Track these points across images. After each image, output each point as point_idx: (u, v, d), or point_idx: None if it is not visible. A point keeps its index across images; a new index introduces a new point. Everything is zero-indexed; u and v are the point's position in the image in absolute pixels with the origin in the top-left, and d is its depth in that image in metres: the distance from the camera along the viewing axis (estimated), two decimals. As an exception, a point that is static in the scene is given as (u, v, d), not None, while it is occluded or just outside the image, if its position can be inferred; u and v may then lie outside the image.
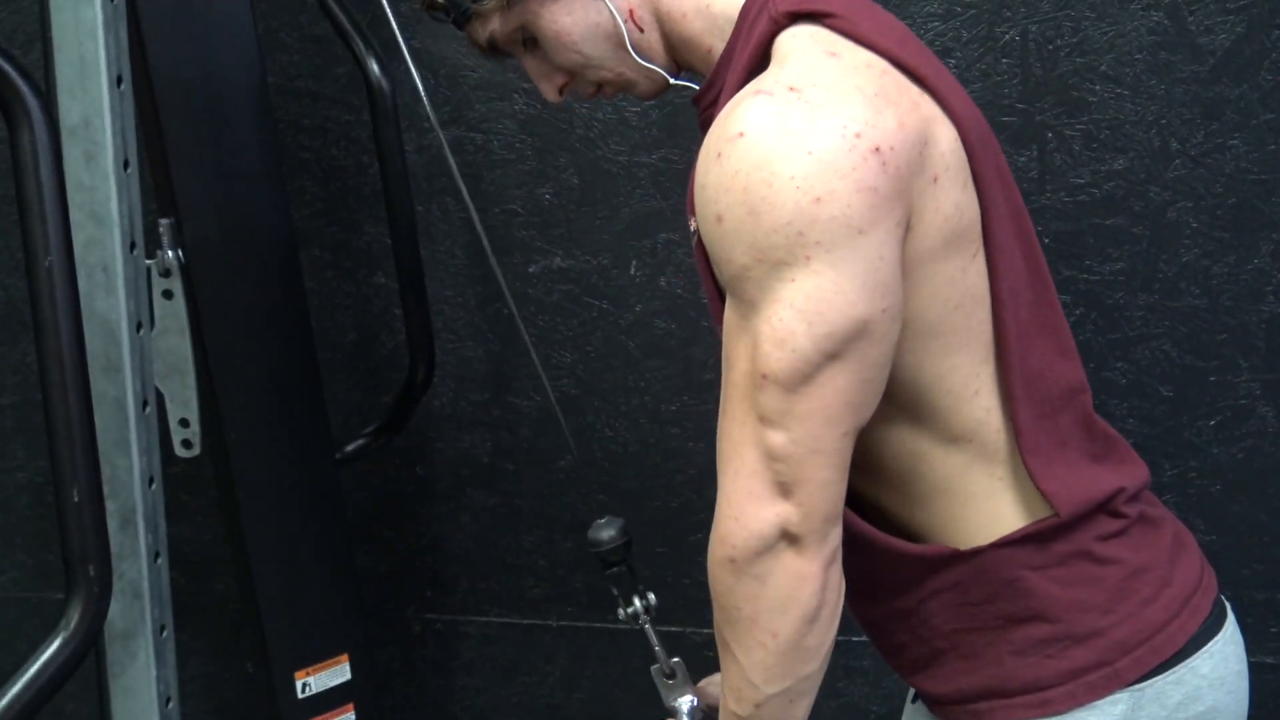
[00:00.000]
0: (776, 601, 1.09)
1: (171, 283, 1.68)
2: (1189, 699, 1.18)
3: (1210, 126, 1.83)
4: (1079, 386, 1.22)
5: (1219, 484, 1.95)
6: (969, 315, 1.13)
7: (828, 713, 2.15)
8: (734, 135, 1.04)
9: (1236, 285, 1.87)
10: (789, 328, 1.03)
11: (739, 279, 1.05)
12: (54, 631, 1.13)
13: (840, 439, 1.07)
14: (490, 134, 2.05)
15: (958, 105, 1.12)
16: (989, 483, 1.17)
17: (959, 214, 1.10)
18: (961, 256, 1.11)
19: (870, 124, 1.03)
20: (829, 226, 1.01)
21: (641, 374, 2.09)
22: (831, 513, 1.09)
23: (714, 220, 1.05)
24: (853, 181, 1.01)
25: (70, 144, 1.50)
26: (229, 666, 2.35)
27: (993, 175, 1.14)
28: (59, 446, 1.12)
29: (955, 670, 1.21)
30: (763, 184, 1.01)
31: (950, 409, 1.15)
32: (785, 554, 1.07)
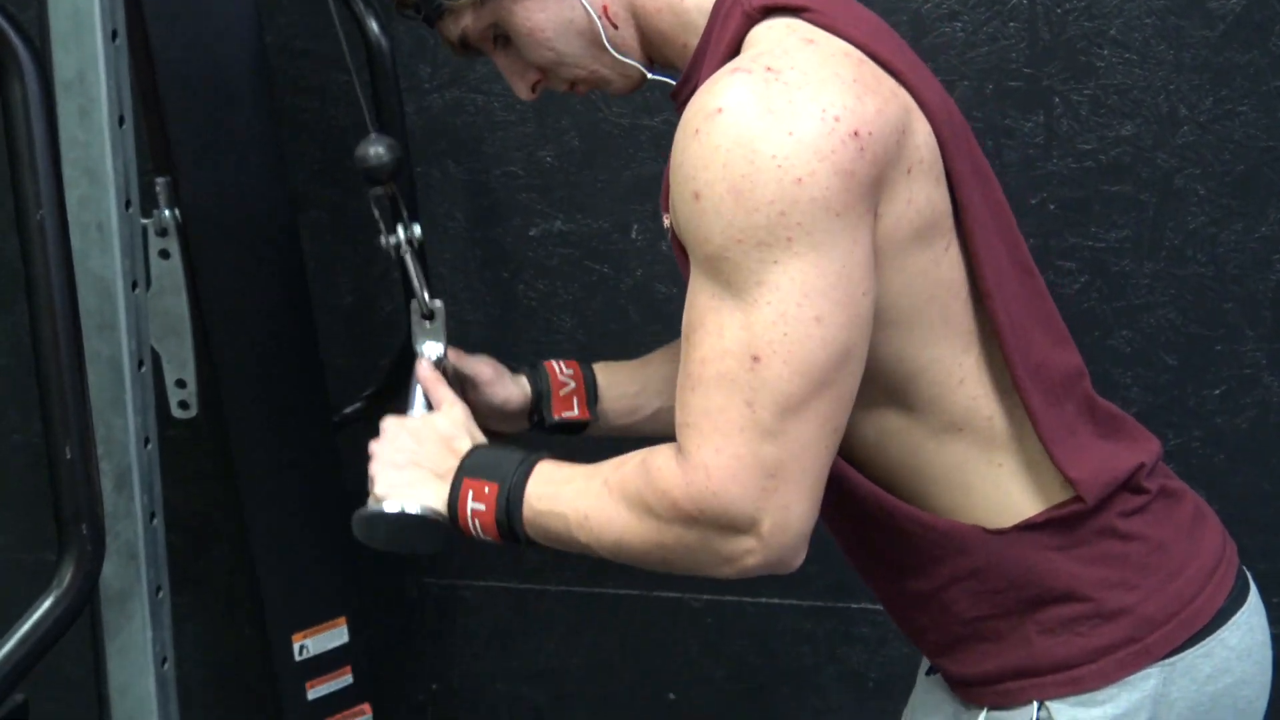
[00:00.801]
0: (700, 562, 1.10)
1: (168, 242, 1.67)
2: (1219, 671, 1.18)
3: (1219, 93, 1.81)
4: (1078, 372, 1.22)
5: (1222, 454, 1.94)
6: (945, 307, 1.13)
7: (826, 680, 2.15)
8: (712, 111, 1.02)
9: (1243, 253, 1.86)
10: (778, 311, 1.02)
11: (716, 259, 1.03)
12: (46, 590, 1.12)
13: (829, 436, 1.06)
14: (491, 95, 2.03)
15: (932, 100, 1.11)
16: (990, 470, 1.17)
17: (930, 207, 1.10)
18: (933, 249, 1.11)
19: (849, 108, 1.02)
20: (809, 209, 1.00)
21: (642, 339, 2.08)
22: (802, 533, 1.07)
23: (690, 198, 1.03)
24: (831, 164, 1.00)
25: (64, 99, 1.48)
26: (226, 628, 2.35)
27: (967, 170, 1.14)
28: (51, 404, 1.11)
29: (981, 653, 1.21)
30: (744, 161, 1.00)
31: (938, 398, 1.15)
32: (743, 545, 1.07)
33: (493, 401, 1.49)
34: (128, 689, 1.66)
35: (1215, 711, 1.19)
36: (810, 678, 2.16)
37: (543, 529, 1.18)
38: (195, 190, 1.66)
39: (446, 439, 1.28)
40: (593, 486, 1.16)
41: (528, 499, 1.19)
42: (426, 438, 1.28)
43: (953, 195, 1.12)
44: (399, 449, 1.28)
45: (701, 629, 2.19)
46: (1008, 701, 1.19)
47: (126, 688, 1.66)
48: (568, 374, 1.51)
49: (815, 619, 2.13)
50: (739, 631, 2.17)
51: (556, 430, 1.51)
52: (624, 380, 1.53)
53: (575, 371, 1.51)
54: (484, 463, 1.23)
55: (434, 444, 1.27)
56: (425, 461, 1.26)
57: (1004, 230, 1.18)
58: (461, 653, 2.30)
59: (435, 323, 1.43)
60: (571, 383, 1.50)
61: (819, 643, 2.14)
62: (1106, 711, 1.15)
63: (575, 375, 1.51)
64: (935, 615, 1.22)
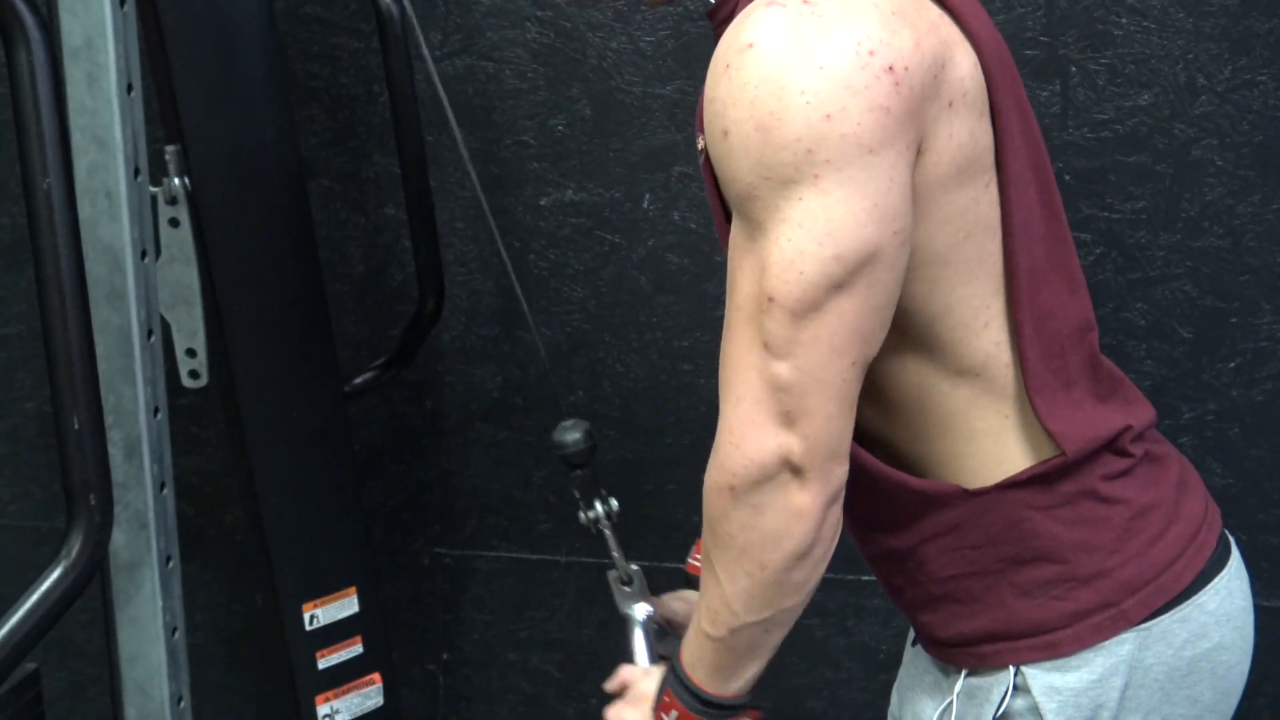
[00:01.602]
0: (770, 534, 1.07)
1: (178, 211, 1.66)
2: (1195, 636, 1.17)
3: (1238, 62, 1.79)
4: (1088, 324, 1.20)
5: (1237, 427, 1.93)
6: (980, 246, 1.10)
7: (836, 651, 2.15)
8: (743, 46, 1.00)
9: (1261, 225, 1.84)
10: (797, 248, 1.00)
11: (745, 198, 1.02)
12: (55, 560, 1.12)
13: (848, 369, 1.04)
14: (502, 63, 2.01)
15: (981, 30, 1.08)
16: (996, 420, 1.15)
17: (973, 142, 1.07)
18: (974, 185, 1.08)
19: (885, 42, 0.99)
20: (839, 145, 0.98)
21: (654, 309, 2.07)
22: (837, 449, 1.06)
23: (720, 135, 1.02)
24: (865, 100, 0.98)
25: (72, 66, 1.47)
26: (237, 598, 2.36)
27: (1011, 105, 1.11)
28: (59, 373, 1.11)
29: (954, 614, 1.20)
30: (771, 98, 0.98)
31: (959, 341, 1.13)
32: (786, 486, 1.05)
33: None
34: (138, 658, 1.67)
35: (1192, 676, 1.17)
36: (821, 649, 2.16)
37: (712, 669, 1.19)
38: (205, 158, 1.66)
39: (649, 698, 1.28)
40: (701, 584, 1.17)
41: (685, 665, 1.20)
42: (638, 706, 1.29)
43: (995, 130, 1.09)
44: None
45: (712, 600, 2.18)
46: (984, 664, 1.18)
47: (137, 657, 1.67)
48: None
49: (826, 591, 2.12)
50: (749, 602, 2.17)
51: None
52: None
53: None
54: (660, 684, 1.25)
55: (644, 707, 1.28)
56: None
57: (1039, 170, 1.16)
58: (472, 622, 2.30)
59: (635, 586, 1.48)
60: None
61: (830, 615, 2.14)
62: (1082, 677, 1.14)
63: None
64: (911, 573, 1.21)
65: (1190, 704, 1.19)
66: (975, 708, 1.19)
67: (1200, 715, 1.20)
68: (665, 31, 1.95)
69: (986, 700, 1.17)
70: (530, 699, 2.31)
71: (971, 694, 1.19)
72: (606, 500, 1.47)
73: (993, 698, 1.17)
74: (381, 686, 1.89)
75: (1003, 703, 1.16)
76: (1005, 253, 1.12)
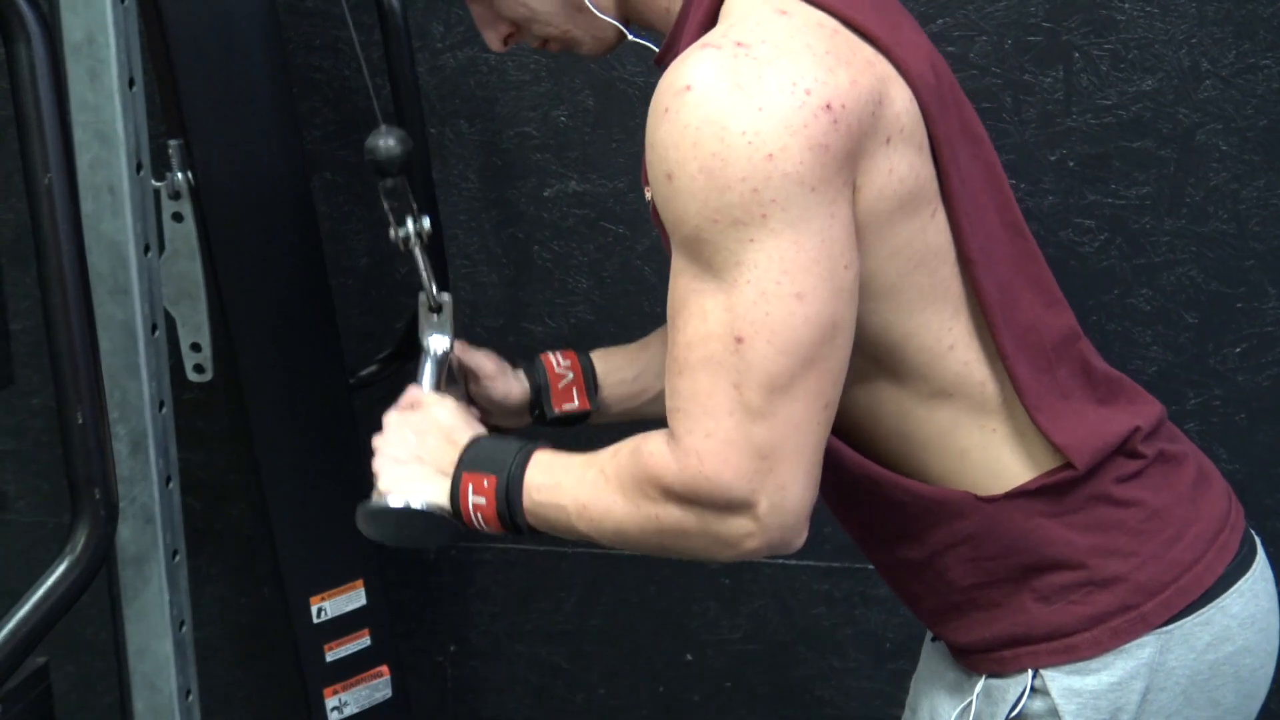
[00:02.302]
0: (699, 545, 1.09)
1: (181, 205, 1.66)
2: (1219, 639, 1.17)
3: (1242, 46, 1.79)
4: (1073, 334, 1.21)
5: (1243, 413, 1.93)
6: (933, 273, 1.11)
7: (844, 640, 2.15)
8: (681, 89, 1.01)
9: (1266, 210, 1.84)
10: (758, 290, 1.00)
11: (693, 240, 1.02)
12: (60, 555, 1.12)
13: (821, 411, 1.05)
14: (504, 55, 2.01)
15: (913, 64, 1.09)
16: (982, 435, 1.16)
17: (914, 175, 1.08)
18: (919, 217, 1.09)
19: (820, 81, 1.00)
20: (783, 184, 0.99)
21: (658, 300, 2.06)
22: (801, 513, 1.06)
23: (664, 179, 1.02)
24: (804, 138, 0.99)
25: (74, 61, 1.48)
26: (244, 591, 2.36)
27: (955, 133, 1.12)
28: (63, 369, 1.11)
29: (976, 621, 1.21)
30: (714, 139, 0.99)
31: (927, 365, 1.14)
32: (741, 528, 1.06)
33: (494, 395, 1.49)
34: (146, 651, 1.67)
35: (1214, 680, 1.17)
36: (827, 638, 2.16)
37: (544, 519, 1.18)
38: (208, 152, 1.66)
39: (447, 432, 1.27)
40: (589, 475, 1.15)
41: (527, 490, 1.18)
42: (428, 431, 1.28)
43: (936, 161, 1.10)
44: (401, 443, 1.28)
45: (719, 590, 2.19)
46: (1004, 669, 1.19)
47: (145, 650, 1.67)
48: (565, 365, 1.50)
49: (832, 580, 2.13)
50: (756, 592, 2.17)
51: (558, 423, 1.51)
52: (622, 366, 1.52)
53: (573, 362, 1.51)
54: (483, 455, 1.22)
55: (435, 437, 1.27)
56: (427, 456, 1.25)
57: (994, 190, 1.17)
58: (480, 614, 2.30)
59: (443, 316, 1.44)
60: (569, 374, 1.50)
61: (836, 603, 2.14)
62: (1102, 680, 1.14)
63: (573, 366, 1.50)
64: (930, 583, 1.22)
65: (1212, 707, 1.19)
66: (992, 706, 1.19)
67: (1221, 718, 1.20)
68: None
69: (1003, 700, 1.18)
70: (538, 690, 2.31)
71: (990, 693, 1.20)
72: (419, 217, 1.42)
73: (1009, 697, 1.18)
74: (390, 679, 1.90)
75: (1019, 702, 1.17)
76: (969, 279, 1.12)
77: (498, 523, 1.19)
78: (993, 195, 1.16)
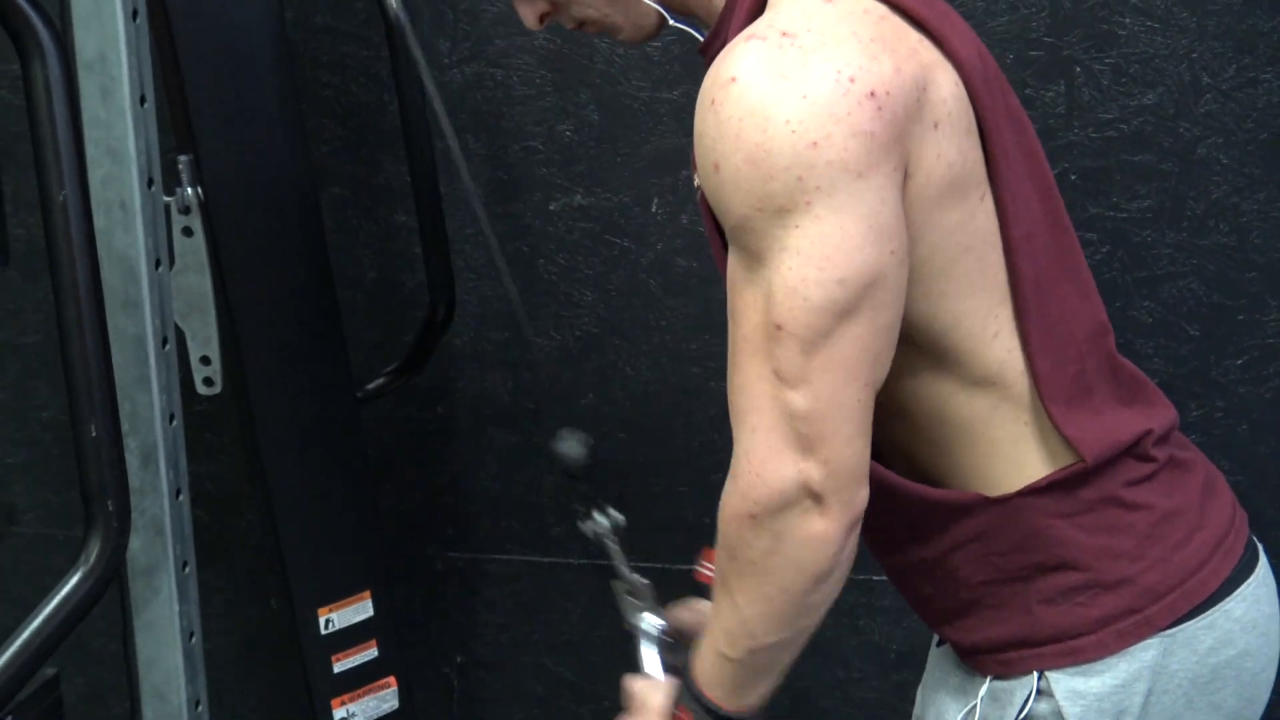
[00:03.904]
0: (791, 559, 1.08)
1: (191, 220, 1.68)
2: (1221, 643, 1.18)
3: (1242, 60, 1.80)
4: (1103, 329, 1.21)
5: (1245, 424, 1.93)
6: (981, 258, 1.12)
7: (848, 651, 2.16)
8: (726, 81, 1.02)
9: (1266, 222, 1.85)
10: (800, 275, 1.01)
11: (741, 229, 1.04)
12: (73, 566, 1.13)
13: (861, 390, 1.05)
14: (510, 70, 2.03)
15: (961, 49, 1.10)
16: (1015, 428, 1.16)
17: (962, 159, 1.09)
18: (968, 201, 1.10)
19: (864, 69, 1.01)
20: (827, 171, 0.99)
21: (663, 312, 2.08)
22: (857, 472, 1.06)
23: (711, 169, 1.04)
24: (848, 126, 1.00)
25: (86, 78, 1.49)
26: (252, 603, 2.37)
27: (1001, 119, 1.12)
28: (76, 381, 1.12)
29: (984, 620, 1.21)
30: (757, 129, 1.00)
31: (971, 352, 1.14)
32: (807, 513, 1.06)
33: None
34: (156, 663, 1.68)
35: (1216, 683, 1.18)
36: (832, 649, 2.17)
37: (729, 686, 1.18)
38: (217, 168, 1.67)
39: (657, 711, 1.28)
40: (715, 603, 1.16)
41: (699, 683, 1.20)
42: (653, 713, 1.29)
43: (985, 145, 1.11)
44: None
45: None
46: (1009, 671, 1.19)
47: (154, 661, 1.68)
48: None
49: (837, 590, 2.13)
50: (761, 603, 2.18)
51: None
52: None
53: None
54: (673, 700, 1.25)
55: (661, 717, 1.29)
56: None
57: (1038, 179, 1.17)
58: (486, 625, 2.31)
59: (645, 598, 1.45)
60: None
61: (841, 614, 2.14)
62: (1105, 682, 1.15)
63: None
64: (941, 582, 1.22)
65: (1213, 710, 1.19)
66: (998, 709, 1.20)
67: None
68: (671, 37, 1.95)
69: (1009, 703, 1.18)
70: (544, 701, 2.32)
71: (995, 696, 1.20)
72: (607, 512, 1.45)
73: (1015, 700, 1.18)
74: (396, 689, 1.91)
75: (1025, 705, 1.17)
76: (1008, 265, 1.13)
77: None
78: (1036, 184, 1.16)
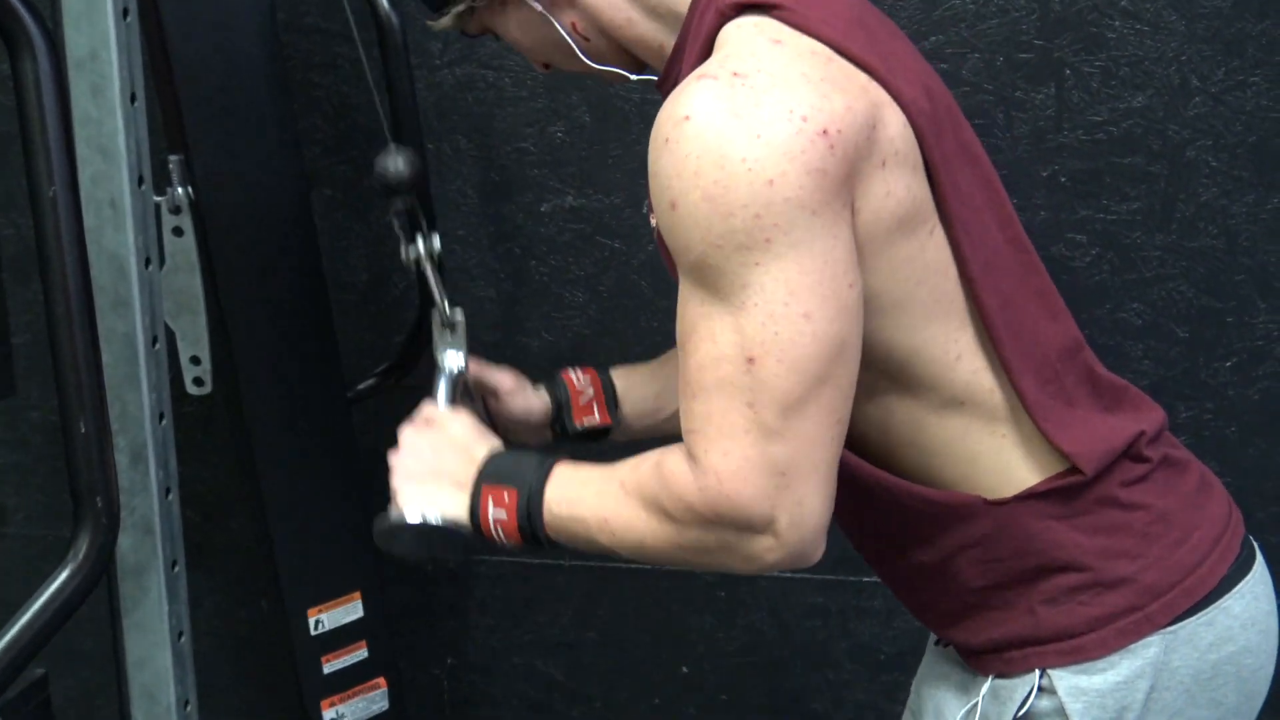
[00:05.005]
0: (720, 561, 1.11)
1: (182, 220, 1.67)
2: (1221, 639, 1.19)
3: (1231, 63, 1.81)
4: (1076, 345, 1.23)
5: (1234, 426, 1.94)
6: (935, 288, 1.13)
7: (838, 653, 2.16)
8: (680, 119, 1.03)
9: (1255, 225, 1.85)
10: (766, 312, 1.02)
11: (699, 266, 1.04)
12: (62, 564, 1.13)
13: (835, 427, 1.07)
14: (501, 71, 2.03)
15: (906, 90, 1.11)
16: (993, 441, 1.18)
17: (910, 196, 1.10)
18: (918, 235, 1.12)
19: (816, 107, 1.03)
20: (784, 209, 1.01)
21: (654, 314, 2.08)
22: (819, 528, 1.08)
23: (668, 208, 1.04)
24: (802, 164, 1.01)
25: (77, 77, 1.49)
26: (242, 603, 2.37)
27: (951, 153, 1.14)
28: (65, 380, 1.12)
29: (986, 622, 1.22)
30: (715, 167, 1.01)
31: (936, 376, 1.16)
32: (761, 543, 1.08)
33: (514, 412, 1.51)
34: (145, 663, 1.68)
35: (1216, 679, 1.19)
36: (822, 651, 2.17)
37: (565, 532, 1.19)
38: (208, 168, 1.67)
39: (464, 446, 1.28)
40: (610, 489, 1.17)
41: (548, 504, 1.19)
42: (445, 446, 1.29)
43: (933, 182, 1.12)
44: (418, 458, 1.29)
45: (714, 602, 2.20)
46: (1011, 670, 1.20)
47: (144, 661, 1.68)
48: (585, 381, 1.52)
49: (827, 593, 2.14)
50: (751, 605, 2.18)
51: (580, 438, 1.53)
52: (642, 383, 1.54)
53: (593, 378, 1.53)
54: (503, 469, 1.24)
55: (452, 452, 1.28)
56: (444, 470, 1.26)
57: (996, 208, 1.19)
58: (477, 627, 2.31)
59: (457, 332, 1.45)
60: (590, 390, 1.52)
61: (831, 616, 2.15)
62: (1108, 679, 1.16)
63: (593, 382, 1.53)
64: (943, 587, 1.23)
65: (1214, 706, 1.21)
66: (999, 706, 1.21)
67: (1223, 718, 1.22)
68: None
69: (1010, 699, 1.20)
70: (534, 703, 2.32)
71: (996, 694, 1.21)
72: (429, 236, 1.44)
73: (1016, 696, 1.19)
74: (387, 691, 1.90)
75: (1026, 702, 1.18)
76: (971, 295, 1.14)
77: (518, 536, 1.21)
78: (994, 213, 1.18)
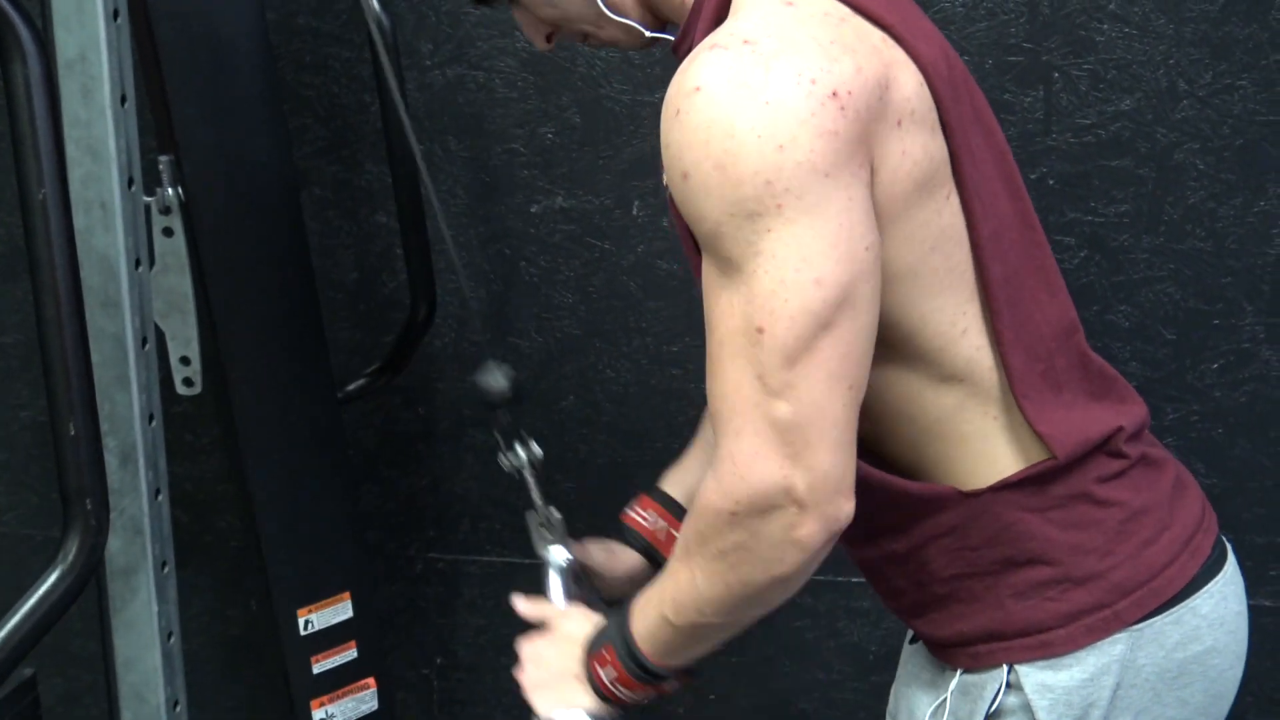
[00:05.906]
0: (762, 559, 1.08)
1: (171, 220, 1.68)
2: (1188, 639, 1.19)
3: (1219, 67, 1.81)
4: (1072, 326, 1.22)
5: (1221, 427, 1.95)
6: (948, 256, 1.13)
7: (827, 653, 2.17)
8: (690, 91, 1.03)
9: (1242, 228, 1.86)
10: (776, 279, 1.02)
11: (714, 236, 1.04)
12: (51, 565, 1.13)
13: (845, 393, 1.05)
14: (492, 72, 2.03)
15: (925, 50, 1.11)
16: (983, 423, 1.17)
17: (928, 157, 1.10)
18: (935, 199, 1.11)
19: (825, 70, 1.02)
20: (795, 173, 1.00)
21: (643, 315, 2.09)
22: (841, 483, 1.07)
23: (681, 178, 1.04)
24: (812, 127, 1.01)
25: (67, 78, 1.49)
26: (232, 603, 2.37)
27: (967, 118, 1.14)
28: (55, 380, 1.12)
29: (955, 614, 1.22)
30: (724, 136, 1.01)
31: (939, 349, 1.15)
32: (789, 518, 1.06)
33: (619, 577, 1.52)
34: (134, 663, 1.68)
35: (1183, 678, 1.19)
36: (811, 651, 2.18)
37: (665, 645, 1.20)
38: (198, 168, 1.67)
39: (575, 639, 1.31)
40: (670, 568, 1.18)
41: (636, 635, 1.21)
42: (561, 645, 1.32)
43: (949, 144, 1.12)
44: (541, 666, 1.33)
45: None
46: (979, 664, 1.20)
47: (133, 662, 1.68)
48: (649, 515, 1.54)
49: (815, 593, 2.14)
50: (741, 605, 2.18)
51: None
52: (695, 468, 1.55)
53: (651, 505, 1.54)
54: (598, 634, 1.27)
55: (570, 647, 1.31)
56: (567, 669, 1.30)
57: (1006, 178, 1.18)
58: (466, 627, 2.31)
59: (556, 530, 1.49)
60: (659, 521, 1.53)
61: (820, 616, 2.15)
62: (1074, 675, 1.16)
63: (655, 509, 1.54)
64: (913, 575, 1.23)
65: (1180, 705, 1.20)
66: (969, 704, 1.21)
67: (1190, 717, 1.22)
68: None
69: (980, 697, 1.19)
70: (523, 703, 2.32)
71: (965, 690, 1.21)
72: (528, 445, 1.48)
73: (986, 694, 1.19)
74: (376, 691, 1.91)
75: (995, 699, 1.18)
76: (977, 263, 1.14)
77: (636, 682, 1.23)
78: (1005, 183, 1.18)
